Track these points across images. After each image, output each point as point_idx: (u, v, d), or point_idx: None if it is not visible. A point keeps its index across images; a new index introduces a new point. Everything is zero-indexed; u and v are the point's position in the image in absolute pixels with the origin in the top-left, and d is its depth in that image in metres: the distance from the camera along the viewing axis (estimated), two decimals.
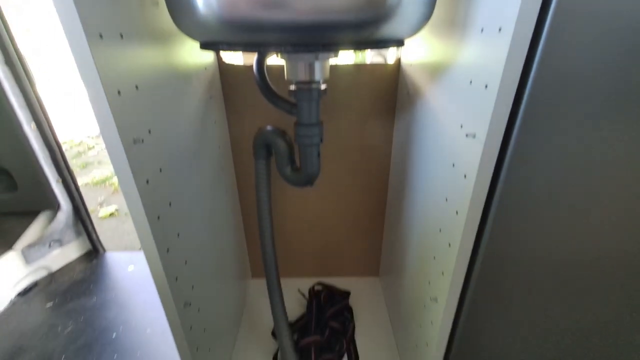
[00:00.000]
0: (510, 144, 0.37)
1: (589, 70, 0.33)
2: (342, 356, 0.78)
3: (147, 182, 0.40)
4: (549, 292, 0.48)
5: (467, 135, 0.40)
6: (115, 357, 0.90)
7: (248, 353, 0.79)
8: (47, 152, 1.13)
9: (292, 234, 0.94)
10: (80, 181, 1.25)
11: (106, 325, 1.00)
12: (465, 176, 0.40)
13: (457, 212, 0.43)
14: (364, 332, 0.84)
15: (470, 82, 0.39)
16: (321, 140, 0.61)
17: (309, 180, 0.65)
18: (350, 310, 0.90)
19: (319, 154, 0.63)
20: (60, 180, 1.19)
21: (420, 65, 0.59)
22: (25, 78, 1.03)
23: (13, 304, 1.09)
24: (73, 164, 1.19)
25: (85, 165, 2.54)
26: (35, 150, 1.09)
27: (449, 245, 0.46)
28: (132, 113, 0.38)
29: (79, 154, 2.81)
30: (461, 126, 0.42)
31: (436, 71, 0.51)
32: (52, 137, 1.13)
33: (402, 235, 0.73)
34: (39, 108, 1.08)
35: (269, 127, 0.64)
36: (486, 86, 0.36)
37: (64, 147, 1.18)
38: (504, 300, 0.49)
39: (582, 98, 0.35)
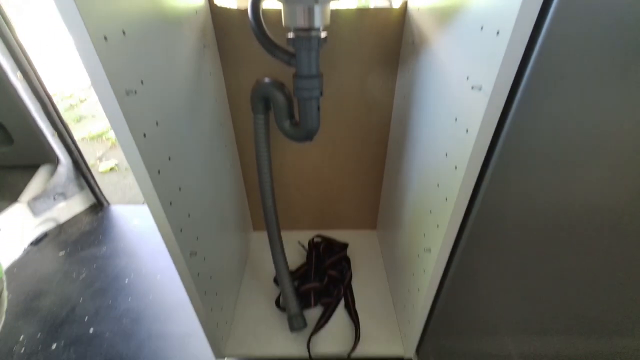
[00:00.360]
0: (516, 98, 0.36)
1: (609, 20, 0.31)
2: (339, 300, 0.84)
3: (145, 135, 0.40)
4: (541, 247, 0.50)
5: (472, 88, 0.38)
6: (129, 300, 0.97)
7: (252, 297, 0.86)
8: (37, 104, 1.10)
9: (292, 188, 0.96)
10: (76, 136, 1.24)
11: (118, 273, 1.06)
12: (467, 131, 0.39)
13: (455, 167, 0.43)
14: (360, 280, 0.90)
15: (482, 28, 0.37)
16: (321, 94, 0.59)
17: (308, 136, 0.64)
18: (347, 260, 0.95)
19: (318, 108, 0.61)
20: (55, 133, 1.17)
21: (428, 9, 0.55)
22: (4, 23, 0.96)
23: (27, 253, 1.14)
24: (66, 117, 1.17)
25: (79, 119, 2.48)
26: (25, 102, 1.06)
27: (446, 199, 0.47)
28: (122, 61, 0.36)
29: (71, 107, 2.73)
30: (467, 78, 0.40)
31: (446, 16, 0.47)
32: (40, 88, 1.09)
33: (400, 190, 0.74)
34: (23, 56, 1.02)
35: (266, 80, 0.61)
36: (498, 32, 0.34)
37: (54, 99, 1.15)
38: (495, 254, 0.52)
39: (600, 49, 0.33)
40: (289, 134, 0.65)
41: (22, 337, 0.87)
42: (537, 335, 0.67)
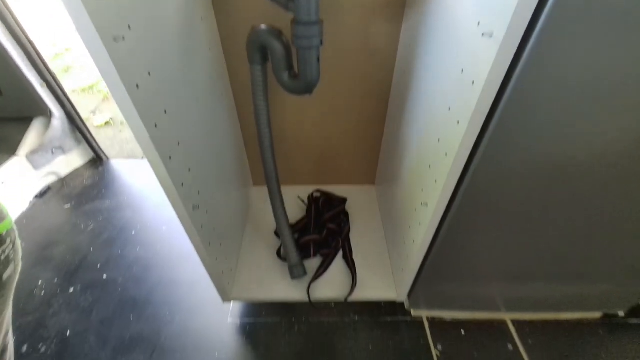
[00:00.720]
0: (528, 46, 0.34)
1: None
2: (337, 251, 0.88)
3: (137, 86, 0.38)
4: (535, 202, 0.52)
5: (483, 35, 0.36)
6: (138, 249, 1.02)
7: (254, 248, 0.90)
8: (20, 51, 1.04)
9: (291, 143, 0.95)
10: (66, 88, 1.19)
11: (124, 224, 1.10)
12: (473, 83, 0.38)
13: (458, 122, 0.42)
14: (358, 232, 0.94)
15: None
16: (321, 43, 0.55)
17: (308, 89, 0.62)
18: (346, 214, 0.98)
19: (318, 59, 0.58)
20: (44, 84, 1.13)
21: None
22: None
23: (33, 205, 1.17)
24: (53, 67, 1.11)
25: (68, 70, 2.37)
26: (7, 49, 1.00)
27: (446, 154, 0.47)
28: (105, 3, 0.33)
29: (57, 55, 2.58)
30: (478, 24, 0.37)
31: None
32: (21, 33, 1.02)
33: (400, 145, 0.74)
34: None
35: (263, 27, 0.57)
36: None
37: (37, 47, 1.08)
38: (489, 208, 0.53)
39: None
40: (288, 86, 0.62)
41: (40, 281, 0.93)
42: (520, 281, 0.72)
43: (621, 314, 0.84)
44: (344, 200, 1.02)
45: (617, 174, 0.47)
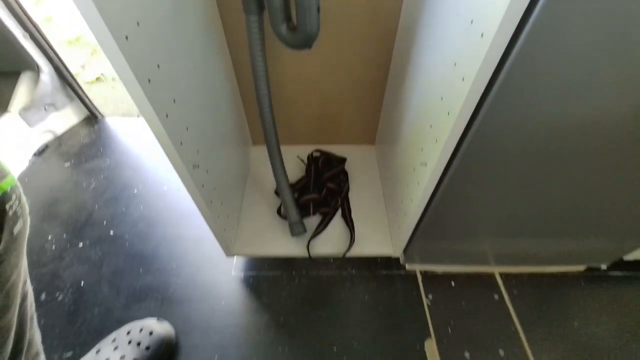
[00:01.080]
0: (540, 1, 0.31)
1: None
2: (336, 210, 0.91)
3: (127, 38, 0.36)
4: (535, 161, 0.52)
5: None
6: (141, 207, 1.04)
7: (255, 207, 0.92)
8: None
9: (290, 101, 0.93)
10: (51, 40, 1.13)
11: (126, 183, 1.11)
12: (482, 35, 0.36)
13: (463, 79, 0.41)
14: (357, 191, 0.95)
15: None
16: None
17: (307, 42, 0.58)
18: (345, 174, 0.99)
19: (318, 9, 0.54)
20: (27, 34, 1.06)
21: None
22: None
23: (33, 164, 1.17)
24: (34, 16, 1.04)
25: (50, 20, 2.21)
26: None
27: (448, 113, 0.46)
28: None
29: (37, 2, 2.40)
30: None
31: None
32: None
33: (402, 104, 0.72)
34: None
35: None
36: None
37: None
38: (487, 167, 0.53)
39: None
40: (286, 39, 0.59)
41: (49, 236, 0.96)
42: (510, 237, 0.76)
43: (603, 267, 0.89)
44: (343, 160, 1.02)
45: (614, 136, 0.47)
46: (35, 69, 1.14)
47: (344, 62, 0.82)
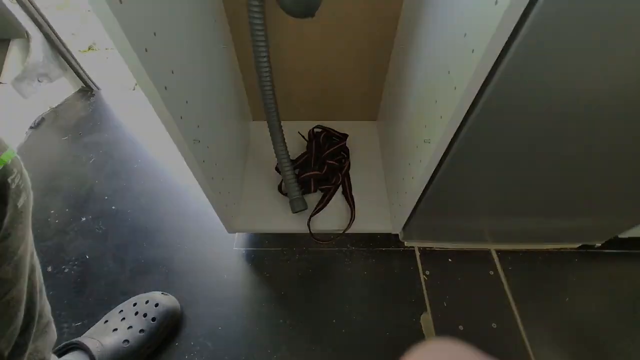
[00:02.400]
0: None
1: None
2: (337, 187, 0.91)
3: (121, 2, 0.34)
4: (540, 139, 0.51)
5: None
6: (143, 182, 1.04)
7: (256, 183, 0.92)
8: None
9: (291, 75, 0.90)
10: (38, 3, 1.07)
11: (126, 157, 1.11)
12: (496, 2, 0.34)
13: (473, 50, 0.39)
14: (357, 168, 0.95)
15: None
16: None
17: (309, 10, 0.56)
18: (346, 150, 0.98)
19: None
20: None
21: None
22: None
23: (30, 137, 1.16)
24: None
25: None
26: None
27: (455, 88, 0.44)
28: None
29: None
30: None
31: None
32: None
33: (406, 79, 0.70)
34: None
35: None
36: None
37: None
38: (491, 145, 0.53)
39: None
40: (287, 6, 0.56)
41: (52, 211, 0.97)
42: (508, 216, 0.76)
43: (598, 244, 0.91)
44: (344, 136, 1.01)
45: (615, 115, 0.46)
46: (24, 36, 1.10)
47: (347, 31, 0.79)
